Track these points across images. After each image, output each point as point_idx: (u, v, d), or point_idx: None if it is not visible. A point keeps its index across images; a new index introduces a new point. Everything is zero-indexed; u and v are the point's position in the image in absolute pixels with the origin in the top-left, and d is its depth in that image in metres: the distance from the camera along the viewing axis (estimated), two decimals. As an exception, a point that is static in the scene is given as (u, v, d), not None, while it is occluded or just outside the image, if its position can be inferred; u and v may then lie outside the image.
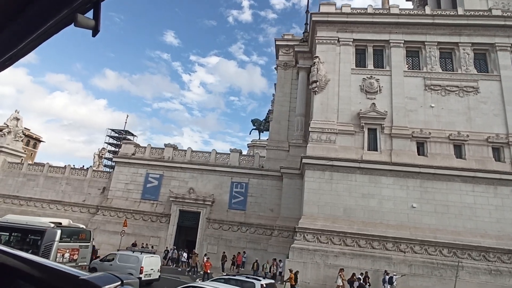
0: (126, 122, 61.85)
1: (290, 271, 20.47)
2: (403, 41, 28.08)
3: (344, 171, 25.06)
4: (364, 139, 26.06)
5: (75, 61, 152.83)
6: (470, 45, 27.38)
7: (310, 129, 26.78)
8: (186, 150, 33.76)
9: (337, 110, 27.03)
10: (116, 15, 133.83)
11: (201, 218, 30.67)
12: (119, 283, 0.92)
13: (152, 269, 17.93)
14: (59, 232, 14.83)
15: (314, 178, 25.10)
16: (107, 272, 0.99)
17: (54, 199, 34.55)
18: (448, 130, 25.64)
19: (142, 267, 17.00)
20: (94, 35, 0.99)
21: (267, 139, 61.19)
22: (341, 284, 20.48)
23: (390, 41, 28.18)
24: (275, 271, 24.70)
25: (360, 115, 26.37)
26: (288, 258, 23.09)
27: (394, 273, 20.87)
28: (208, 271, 22.32)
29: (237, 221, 30.17)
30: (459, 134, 25.35)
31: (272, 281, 16.52)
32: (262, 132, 64.49)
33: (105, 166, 54.87)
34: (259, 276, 16.95)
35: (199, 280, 20.29)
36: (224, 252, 27.25)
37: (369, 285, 20.61)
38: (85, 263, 16.61)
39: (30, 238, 15.19)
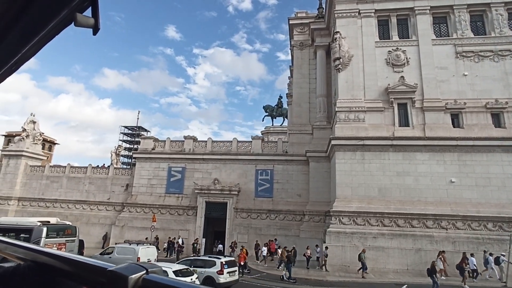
0: (138, 118, 61.12)
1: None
2: (429, 7, 26.28)
3: (376, 150, 23.98)
4: (395, 115, 24.81)
5: (74, 63, 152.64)
6: (503, 4, 25.43)
7: (336, 109, 25.62)
8: (206, 141, 33.06)
9: (363, 87, 25.72)
10: (116, 14, 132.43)
11: (228, 208, 30.21)
12: (144, 271, 0.95)
13: (149, 259, 18.78)
14: (45, 229, 16.30)
15: (345, 160, 24.13)
16: (132, 263, 1.01)
17: (79, 199, 34.57)
18: (484, 98, 24.14)
19: (139, 257, 17.93)
20: (94, 33, 0.94)
21: (281, 125, 60.67)
22: (443, 267, 19.23)
23: (415, 8, 26.41)
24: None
25: (389, 90, 25.02)
26: (325, 242, 22.48)
27: (502, 253, 19.25)
28: (242, 263, 20.63)
29: (265, 208, 29.61)
30: (496, 102, 23.84)
31: (232, 258, 18.23)
32: (275, 118, 63.19)
33: (122, 163, 54.95)
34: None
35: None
36: (256, 241, 26.82)
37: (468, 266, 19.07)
38: None
39: (21, 236, 16.58)
